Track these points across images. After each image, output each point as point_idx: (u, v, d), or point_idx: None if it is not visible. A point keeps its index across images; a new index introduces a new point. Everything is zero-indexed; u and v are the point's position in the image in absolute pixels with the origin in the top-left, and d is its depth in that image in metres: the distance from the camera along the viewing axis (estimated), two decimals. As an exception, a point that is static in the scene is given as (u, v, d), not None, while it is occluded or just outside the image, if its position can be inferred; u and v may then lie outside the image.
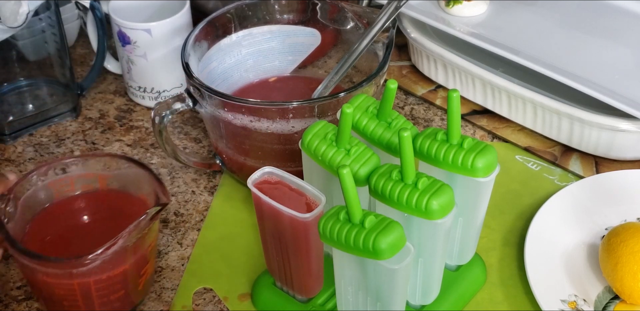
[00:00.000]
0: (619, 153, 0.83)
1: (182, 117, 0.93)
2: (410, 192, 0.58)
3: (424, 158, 0.62)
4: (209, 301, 0.73)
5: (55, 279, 0.64)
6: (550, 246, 0.74)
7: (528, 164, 0.86)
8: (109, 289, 0.65)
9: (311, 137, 0.63)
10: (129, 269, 0.65)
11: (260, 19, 0.85)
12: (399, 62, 1.00)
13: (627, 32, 0.90)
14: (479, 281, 0.73)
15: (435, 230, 0.60)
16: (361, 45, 0.77)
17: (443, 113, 0.93)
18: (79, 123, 0.93)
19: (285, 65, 0.87)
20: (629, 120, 0.79)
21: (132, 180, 0.70)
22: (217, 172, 0.86)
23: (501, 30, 0.90)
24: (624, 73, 0.83)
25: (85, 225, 0.71)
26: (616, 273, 0.68)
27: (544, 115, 0.85)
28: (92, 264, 0.61)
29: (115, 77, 0.99)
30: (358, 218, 0.55)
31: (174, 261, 0.77)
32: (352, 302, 0.63)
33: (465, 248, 0.70)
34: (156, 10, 0.94)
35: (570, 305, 0.70)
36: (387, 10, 0.78)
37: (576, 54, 0.86)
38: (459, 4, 0.92)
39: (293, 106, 0.71)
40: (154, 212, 0.63)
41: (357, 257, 0.57)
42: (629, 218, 0.78)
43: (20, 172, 0.87)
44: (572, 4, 0.94)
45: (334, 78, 0.78)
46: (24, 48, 0.90)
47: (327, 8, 0.84)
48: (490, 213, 0.75)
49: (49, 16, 0.87)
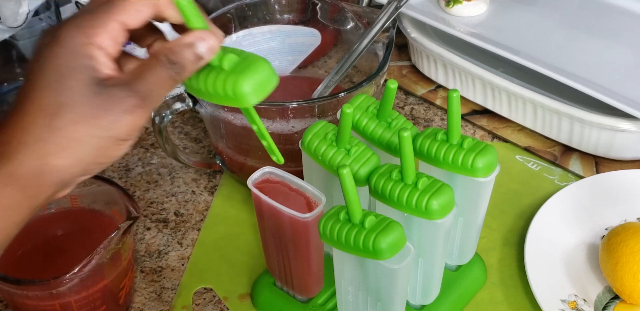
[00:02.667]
0: (619, 153, 0.83)
1: (182, 117, 0.93)
2: (410, 192, 0.58)
3: (424, 158, 0.62)
4: (209, 301, 0.73)
5: (36, 301, 0.64)
6: (550, 246, 0.74)
7: (528, 164, 0.86)
8: (90, 306, 0.66)
9: (311, 137, 0.63)
10: (108, 284, 0.66)
11: (260, 19, 0.85)
12: (399, 62, 1.00)
13: (627, 32, 0.90)
14: (479, 281, 0.73)
15: (435, 230, 0.60)
16: (361, 45, 0.77)
17: (443, 113, 0.93)
18: (79, 123, 0.93)
19: (285, 65, 0.87)
20: (629, 120, 0.79)
21: (102, 197, 0.70)
22: (217, 172, 0.86)
23: (501, 30, 0.90)
24: (624, 73, 0.83)
25: (59, 244, 0.71)
26: (616, 273, 0.68)
27: (544, 115, 0.85)
28: (71, 283, 0.62)
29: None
30: (358, 218, 0.55)
31: (174, 261, 0.77)
32: (352, 302, 0.63)
33: (465, 248, 0.70)
34: (156, 10, 0.94)
35: (570, 305, 0.70)
36: (387, 10, 0.78)
37: (576, 54, 0.86)
38: (459, 4, 0.92)
39: (293, 106, 0.71)
40: (125, 226, 0.63)
41: (357, 257, 0.57)
42: (629, 218, 0.78)
43: (20, 172, 0.87)
44: (572, 4, 0.94)
45: (334, 79, 0.78)
46: (24, 48, 0.90)
47: (327, 8, 0.84)
48: (490, 213, 0.75)
49: (49, 16, 0.87)
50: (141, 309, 0.72)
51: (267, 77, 0.46)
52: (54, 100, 0.41)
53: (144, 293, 0.74)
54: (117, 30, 0.43)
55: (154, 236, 0.79)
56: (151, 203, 0.82)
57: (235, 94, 0.45)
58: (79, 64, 0.42)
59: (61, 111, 0.41)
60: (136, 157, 0.88)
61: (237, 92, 0.45)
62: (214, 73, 0.46)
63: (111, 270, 0.65)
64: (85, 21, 0.42)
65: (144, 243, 0.78)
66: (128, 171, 0.86)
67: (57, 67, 0.42)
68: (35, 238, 0.70)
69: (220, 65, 0.45)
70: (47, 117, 0.41)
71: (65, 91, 0.41)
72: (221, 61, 0.45)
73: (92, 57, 0.42)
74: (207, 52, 0.44)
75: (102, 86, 0.42)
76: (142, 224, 0.80)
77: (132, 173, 0.86)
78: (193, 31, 0.44)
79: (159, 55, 0.44)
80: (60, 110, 0.41)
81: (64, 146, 0.42)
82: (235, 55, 0.45)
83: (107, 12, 0.42)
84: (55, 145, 0.41)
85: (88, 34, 0.42)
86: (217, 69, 0.46)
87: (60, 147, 0.42)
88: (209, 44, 0.44)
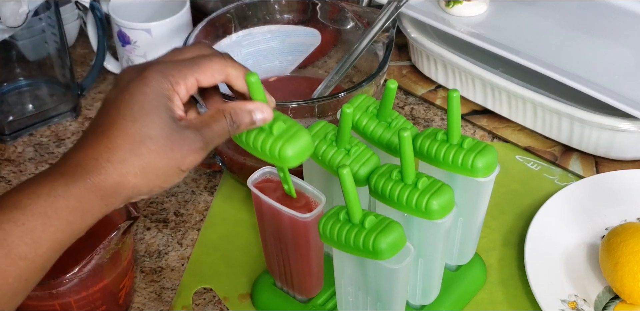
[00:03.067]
0: (619, 153, 0.83)
1: (182, 117, 0.93)
2: (410, 192, 0.58)
3: (424, 158, 0.62)
4: (209, 301, 0.73)
5: (36, 301, 0.64)
6: (550, 246, 0.74)
7: (528, 164, 0.86)
8: (90, 306, 0.66)
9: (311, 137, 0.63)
10: (107, 284, 0.66)
11: (260, 19, 0.85)
12: (399, 62, 1.00)
13: (627, 32, 0.90)
14: (479, 281, 0.73)
15: (435, 230, 0.60)
16: (361, 45, 0.77)
17: (443, 113, 0.93)
18: (79, 123, 0.93)
19: (285, 65, 0.87)
20: (629, 120, 0.79)
21: None
22: (217, 172, 0.86)
23: (501, 30, 0.90)
24: (624, 73, 0.83)
25: None
26: (616, 273, 0.68)
27: (544, 115, 0.85)
28: (71, 283, 0.62)
29: (115, 77, 0.99)
30: (358, 218, 0.55)
31: (174, 261, 0.77)
32: (352, 302, 0.63)
33: (465, 248, 0.70)
34: (156, 10, 0.94)
35: (570, 305, 0.70)
36: (387, 10, 0.78)
37: (576, 54, 0.86)
38: (459, 4, 0.92)
39: (293, 106, 0.71)
40: (125, 226, 0.63)
41: (357, 257, 0.57)
42: (629, 218, 0.78)
43: (20, 172, 0.87)
44: (572, 4, 0.94)
45: (334, 79, 0.78)
46: (24, 48, 0.90)
47: (327, 8, 0.84)
48: (490, 213, 0.75)
49: (49, 16, 0.87)
50: (141, 309, 0.72)
51: (307, 146, 0.55)
52: (140, 130, 0.50)
53: (144, 293, 0.74)
54: (192, 84, 0.53)
55: (153, 236, 0.79)
56: (151, 203, 0.82)
57: (280, 156, 0.54)
58: (162, 103, 0.51)
59: (145, 140, 0.50)
60: (136, 157, 0.88)
61: (282, 155, 0.54)
62: (264, 135, 0.55)
63: (111, 270, 0.65)
64: (170, 70, 0.52)
65: (144, 243, 0.78)
66: (128, 171, 0.86)
67: (144, 103, 0.51)
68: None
69: (270, 130, 0.55)
70: (133, 143, 0.50)
71: (150, 124, 0.50)
72: (272, 127, 0.55)
73: (172, 100, 0.52)
74: (259, 121, 0.55)
75: (177, 124, 0.51)
76: (142, 224, 0.80)
77: (132, 173, 0.86)
78: (254, 101, 0.54)
79: (225, 113, 0.54)
80: (144, 139, 0.50)
81: (141, 169, 0.50)
82: (283, 123, 0.55)
83: (189, 69, 0.52)
84: (135, 167, 0.50)
85: (171, 82, 0.52)
86: (267, 132, 0.55)
87: (139, 169, 0.50)
88: (263, 115, 0.54)
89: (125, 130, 0.50)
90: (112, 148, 0.50)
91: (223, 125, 0.53)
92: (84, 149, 0.51)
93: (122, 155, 0.50)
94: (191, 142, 0.52)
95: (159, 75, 0.51)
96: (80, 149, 0.51)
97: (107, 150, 0.50)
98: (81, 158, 0.50)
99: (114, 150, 0.50)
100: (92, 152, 0.50)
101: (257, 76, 0.54)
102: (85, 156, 0.50)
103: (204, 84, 0.53)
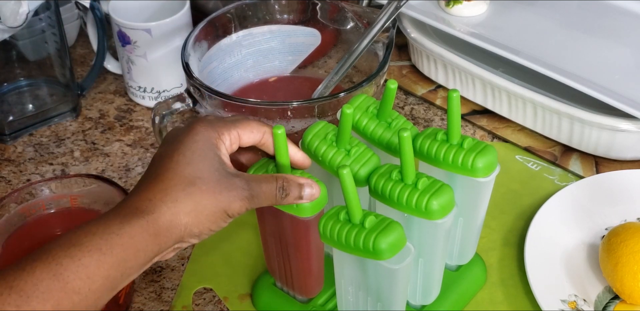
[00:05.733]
0: (619, 153, 0.83)
1: (182, 117, 0.93)
2: (410, 192, 0.58)
3: (424, 158, 0.62)
4: (209, 301, 0.73)
5: None
6: (550, 246, 0.74)
7: (528, 164, 0.86)
8: None
9: (311, 137, 0.63)
10: None
11: (260, 19, 0.85)
12: (399, 62, 1.00)
13: (627, 32, 0.90)
14: (479, 281, 0.73)
15: (435, 230, 0.60)
16: (361, 45, 0.77)
17: (443, 113, 0.93)
18: (79, 123, 0.93)
19: (285, 65, 0.87)
20: (629, 120, 0.79)
21: (102, 197, 0.72)
22: (217, 172, 0.85)
23: (501, 30, 0.90)
24: (624, 73, 0.83)
25: None
26: (616, 273, 0.68)
27: (544, 115, 0.85)
28: None
29: (115, 77, 0.99)
30: (358, 218, 0.55)
31: (174, 261, 0.77)
32: (353, 302, 0.63)
33: (466, 248, 0.70)
34: (156, 10, 0.94)
35: (570, 305, 0.70)
36: (387, 10, 0.78)
37: (576, 54, 0.86)
38: (459, 4, 0.92)
39: (293, 106, 0.71)
40: None
41: (357, 257, 0.57)
42: (629, 218, 0.78)
43: (20, 172, 0.87)
44: (572, 4, 0.94)
45: (334, 79, 0.78)
46: (24, 48, 0.90)
47: (327, 8, 0.84)
48: (490, 213, 0.75)
49: (49, 16, 0.87)
50: (141, 309, 0.72)
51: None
52: (192, 172, 0.54)
53: (144, 293, 0.74)
54: (235, 137, 0.57)
55: (154, 236, 0.79)
56: (151, 203, 0.82)
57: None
58: (211, 150, 0.55)
59: (196, 181, 0.53)
60: (136, 157, 0.88)
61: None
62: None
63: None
64: (217, 124, 0.57)
65: (144, 243, 0.78)
66: (128, 171, 0.86)
67: (195, 150, 0.55)
68: (35, 238, 0.70)
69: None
70: (185, 184, 0.53)
71: (201, 167, 0.54)
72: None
73: (219, 148, 0.56)
74: (307, 196, 0.58)
75: (226, 171, 0.55)
76: (142, 224, 0.80)
77: (132, 173, 0.86)
78: (307, 177, 0.58)
79: (279, 179, 0.57)
80: (196, 180, 0.53)
81: (193, 208, 0.53)
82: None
83: (233, 124, 0.58)
84: (186, 206, 0.53)
85: (218, 133, 0.57)
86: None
87: (190, 208, 0.53)
88: (312, 192, 0.58)
89: (179, 173, 0.54)
90: (166, 189, 0.53)
91: (272, 187, 0.56)
92: (139, 193, 0.54)
93: (174, 195, 0.53)
94: (239, 189, 0.54)
95: (207, 126, 0.56)
96: (136, 193, 0.54)
97: (160, 191, 0.53)
98: (136, 201, 0.53)
99: (167, 191, 0.53)
100: (146, 194, 0.53)
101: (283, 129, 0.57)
102: (139, 198, 0.53)
103: (243, 140, 0.58)
